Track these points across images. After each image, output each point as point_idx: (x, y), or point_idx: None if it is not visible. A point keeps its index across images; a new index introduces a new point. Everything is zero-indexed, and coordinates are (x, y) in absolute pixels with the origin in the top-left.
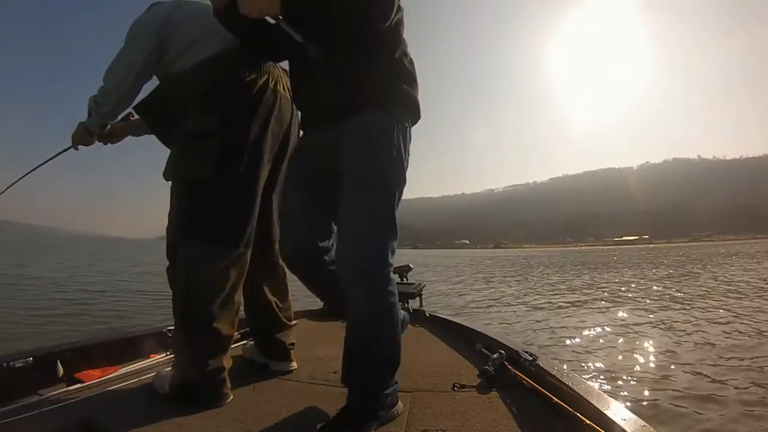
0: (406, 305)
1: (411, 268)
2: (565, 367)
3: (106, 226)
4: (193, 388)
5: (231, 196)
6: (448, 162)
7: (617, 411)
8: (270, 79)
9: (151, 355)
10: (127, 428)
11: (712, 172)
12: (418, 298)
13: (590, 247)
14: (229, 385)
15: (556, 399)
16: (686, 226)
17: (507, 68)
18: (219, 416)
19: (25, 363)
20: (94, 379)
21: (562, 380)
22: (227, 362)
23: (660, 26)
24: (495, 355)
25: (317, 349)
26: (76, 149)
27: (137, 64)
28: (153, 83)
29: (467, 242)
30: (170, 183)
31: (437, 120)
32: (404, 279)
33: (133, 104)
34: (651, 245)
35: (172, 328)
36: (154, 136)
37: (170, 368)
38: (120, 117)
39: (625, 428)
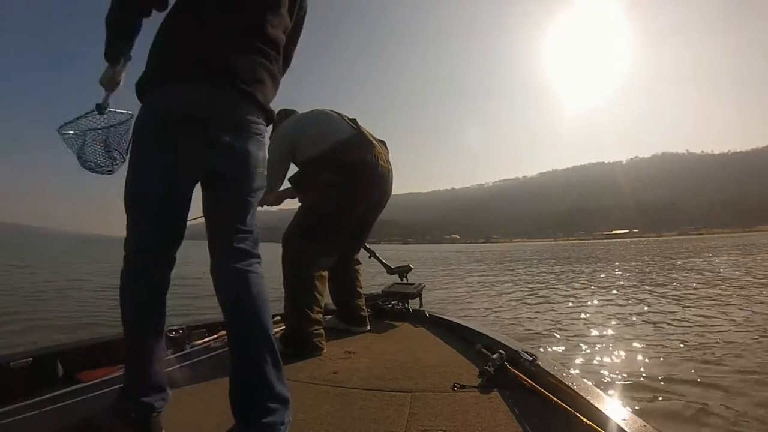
0: (406, 305)
1: (411, 269)
2: (564, 367)
3: (102, 225)
4: (301, 343)
5: (337, 223)
6: (438, 157)
7: (617, 411)
8: (374, 156)
9: None
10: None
11: (700, 167)
12: (418, 298)
13: (581, 242)
14: (325, 340)
15: (556, 399)
16: (675, 220)
17: (498, 64)
18: (219, 416)
19: (25, 363)
20: (94, 379)
21: (562, 380)
22: (320, 322)
23: (649, 23)
24: (495, 356)
25: None
26: None
27: (279, 167)
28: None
29: (457, 237)
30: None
31: (428, 116)
32: (404, 279)
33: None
34: (641, 239)
35: (174, 328)
36: None
37: (278, 332)
38: None
39: (625, 428)
